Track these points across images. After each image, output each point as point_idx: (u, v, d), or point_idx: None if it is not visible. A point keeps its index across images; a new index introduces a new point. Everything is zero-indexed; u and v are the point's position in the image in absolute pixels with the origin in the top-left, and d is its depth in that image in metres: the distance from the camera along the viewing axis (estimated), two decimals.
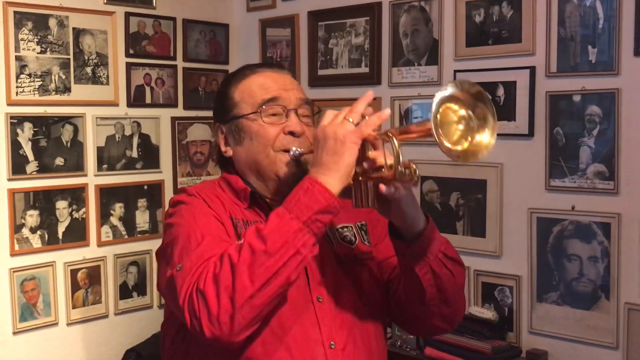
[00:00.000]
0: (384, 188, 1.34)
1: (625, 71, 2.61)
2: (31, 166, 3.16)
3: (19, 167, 3.12)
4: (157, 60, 3.63)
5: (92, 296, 3.38)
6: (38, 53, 3.16)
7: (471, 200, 3.05)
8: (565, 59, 2.75)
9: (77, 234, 3.32)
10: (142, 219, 3.57)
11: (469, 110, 1.30)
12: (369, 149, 1.37)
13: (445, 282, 1.45)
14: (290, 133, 1.52)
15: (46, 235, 3.21)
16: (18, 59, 3.10)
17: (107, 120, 3.42)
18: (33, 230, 3.17)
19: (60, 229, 3.26)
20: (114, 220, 3.46)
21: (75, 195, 3.31)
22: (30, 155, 3.15)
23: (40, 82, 3.18)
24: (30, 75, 3.14)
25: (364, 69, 3.40)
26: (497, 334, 2.90)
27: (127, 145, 3.50)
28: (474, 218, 3.05)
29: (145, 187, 3.58)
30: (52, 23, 3.21)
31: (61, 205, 3.26)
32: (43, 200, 3.20)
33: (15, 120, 3.10)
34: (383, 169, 1.35)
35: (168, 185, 3.66)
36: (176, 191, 3.55)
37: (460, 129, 1.30)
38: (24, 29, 3.12)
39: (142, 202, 3.57)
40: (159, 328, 1.61)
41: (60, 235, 3.26)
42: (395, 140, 1.32)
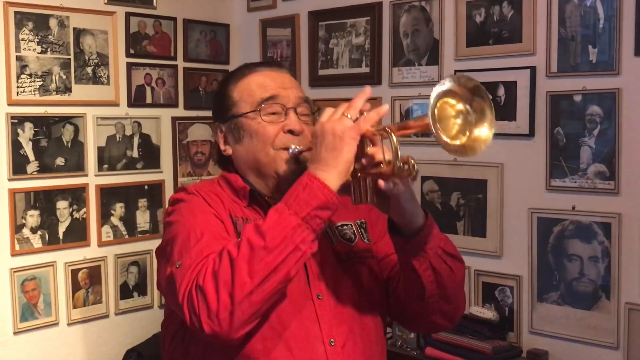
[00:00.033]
0: (382, 184, 1.34)
1: (625, 71, 2.61)
2: (32, 166, 3.16)
3: (20, 167, 3.12)
4: (158, 60, 3.63)
5: (93, 296, 3.38)
6: (39, 53, 3.17)
7: (472, 200, 3.05)
8: (566, 59, 2.75)
9: (78, 234, 3.32)
10: (143, 219, 3.57)
11: (467, 105, 1.30)
12: (368, 145, 1.37)
13: (445, 279, 1.46)
14: (290, 131, 1.52)
15: (47, 235, 3.21)
16: (19, 59, 3.10)
17: (108, 120, 3.42)
18: (34, 230, 3.17)
19: (61, 229, 3.26)
20: (115, 220, 3.46)
21: (76, 195, 3.31)
22: (30, 155, 3.15)
23: (41, 82, 3.18)
24: (30, 75, 3.14)
25: (365, 69, 3.40)
26: (498, 334, 2.90)
27: (128, 145, 3.51)
28: (474, 218, 3.05)
29: (146, 187, 3.58)
30: (53, 23, 3.22)
31: (62, 205, 3.26)
32: (44, 200, 3.20)
33: (16, 120, 3.10)
34: (382, 164, 1.35)
35: (169, 185, 3.66)
36: (176, 191, 3.54)
37: (459, 123, 1.30)
38: (24, 29, 3.12)
39: (143, 202, 3.57)
40: (159, 328, 1.61)
41: (60, 235, 3.26)
42: (393, 135, 1.32)
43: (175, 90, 3.70)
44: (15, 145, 3.10)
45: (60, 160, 3.25)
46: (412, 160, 1.31)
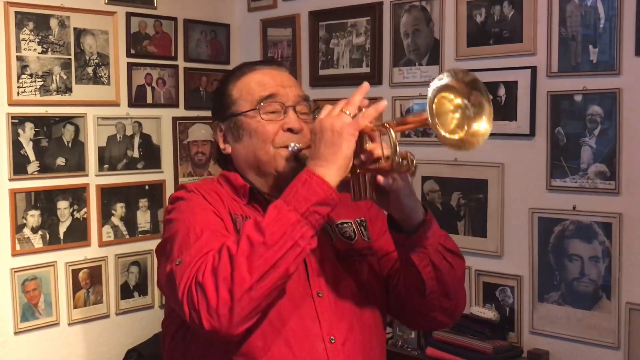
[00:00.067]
0: (381, 179, 1.34)
1: (626, 71, 2.61)
2: (32, 166, 3.16)
3: (20, 167, 3.12)
4: (158, 60, 3.63)
5: (93, 296, 3.38)
6: (39, 53, 3.17)
7: (472, 200, 3.05)
8: (567, 59, 2.75)
9: (78, 234, 3.32)
10: (143, 219, 3.57)
11: (465, 99, 1.30)
12: (366, 141, 1.37)
13: (445, 275, 1.46)
14: (289, 130, 1.52)
15: (47, 235, 3.21)
16: (19, 59, 3.10)
17: (108, 120, 3.42)
18: (34, 230, 3.17)
19: (62, 229, 3.26)
20: (115, 220, 3.46)
21: (77, 195, 3.31)
22: (31, 156, 3.16)
23: (42, 82, 3.18)
24: (31, 75, 3.14)
25: (365, 69, 3.40)
26: (499, 334, 2.90)
27: (128, 145, 3.51)
28: (475, 218, 3.05)
29: (147, 187, 3.59)
30: (53, 23, 3.22)
31: (62, 205, 3.26)
32: (44, 200, 3.20)
33: (17, 121, 3.10)
34: (381, 160, 1.35)
35: (169, 185, 3.66)
36: (176, 189, 3.55)
37: (457, 117, 1.30)
38: (25, 29, 3.12)
39: (143, 202, 3.57)
40: (160, 328, 1.61)
41: (61, 235, 3.26)
42: (392, 131, 1.32)
43: (175, 90, 3.70)
44: (16, 146, 3.10)
45: (60, 160, 3.25)
46: (411, 155, 1.31)
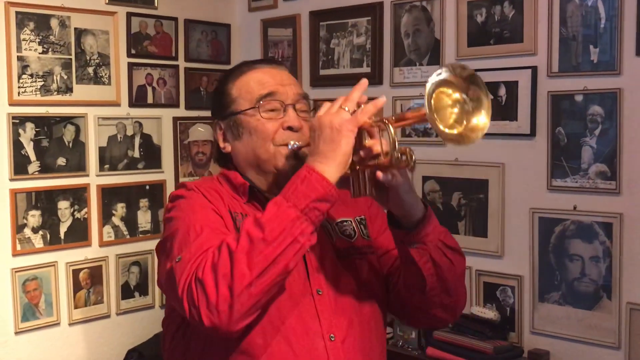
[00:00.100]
0: (381, 175, 1.35)
1: (627, 71, 2.61)
2: (33, 166, 3.16)
3: (21, 168, 3.12)
4: (159, 60, 3.63)
5: (94, 296, 3.38)
6: (40, 53, 3.17)
7: (473, 200, 3.05)
8: (567, 59, 2.75)
9: (79, 234, 3.32)
10: (144, 219, 3.57)
11: (463, 94, 1.30)
12: (366, 137, 1.38)
13: (446, 271, 1.46)
14: (289, 128, 1.53)
15: (48, 236, 3.21)
16: (20, 59, 3.10)
17: (109, 120, 3.42)
18: (35, 230, 3.17)
19: (62, 229, 3.26)
20: (116, 220, 3.46)
21: (77, 196, 3.31)
22: (32, 156, 3.16)
23: (42, 83, 3.18)
24: (32, 75, 3.14)
25: (366, 69, 3.40)
26: (499, 334, 2.90)
27: (129, 145, 3.51)
28: (475, 218, 3.05)
29: (147, 187, 3.59)
30: (54, 23, 3.22)
31: (63, 205, 3.26)
32: (45, 201, 3.20)
33: (17, 121, 3.10)
34: (380, 156, 1.35)
35: (170, 186, 3.66)
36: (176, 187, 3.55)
37: (455, 112, 1.30)
38: (25, 29, 3.12)
39: (144, 202, 3.57)
40: (160, 328, 1.61)
41: (62, 236, 3.26)
42: (391, 127, 1.32)
43: (176, 91, 3.71)
44: (17, 146, 3.10)
45: (61, 161, 3.25)
46: (410, 151, 1.32)
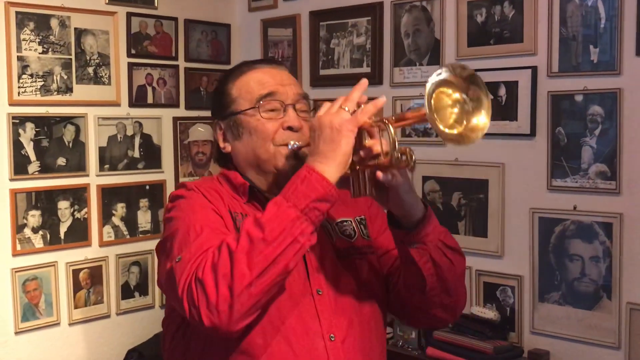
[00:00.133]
0: (381, 175, 1.35)
1: (627, 71, 2.61)
2: (33, 166, 3.16)
3: (21, 168, 3.12)
4: (159, 60, 3.63)
5: (94, 296, 3.38)
6: (40, 53, 3.17)
7: (473, 200, 3.05)
8: (567, 59, 2.75)
9: (79, 234, 3.32)
10: (144, 219, 3.57)
11: (463, 94, 1.30)
12: (366, 137, 1.38)
13: (446, 271, 1.46)
14: (289, 128, 1.53)
15: (48, 236, 3.21)
16: (20, 59, 3.10)
17: (109, 120, 3.42)
18: (35, 230, 3.17)
19: (62, 229, 3.26)
20: (116, 220, 3.46)
21: (77, 196, 3.31)
22: (32, 156, 3.16)
23: (42, 83, 3.18)
24: (32, 75, 3.14)
25: (366, 69, 3.40)
26: (499, 334, 2.90)
27: (129, 145, 3.51)
28: (475, 218, 3.05)
29: (147, 187, 3.59)
30: (54, 23, 3.22)
31: (63, 205, 3.26)
32: (45, 201, 3.20)
33: (17, 121, 3.10)
34: (380, 156, 1.35)
35: (170, 186, 3.66)
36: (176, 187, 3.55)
37: (455, 112, 1.30)
38: (25, 29, 3.12)
39: (144, 202, 3.57)
40: (160, 328, 1.61)
41: (62, 236, 3.26)
42: (391, 127, 1.32)
43: (176, 91, 3.71)
44: (17, 146, 3.10)
45: (61, 161, 3.25)
46: (410, 151, 1.32)
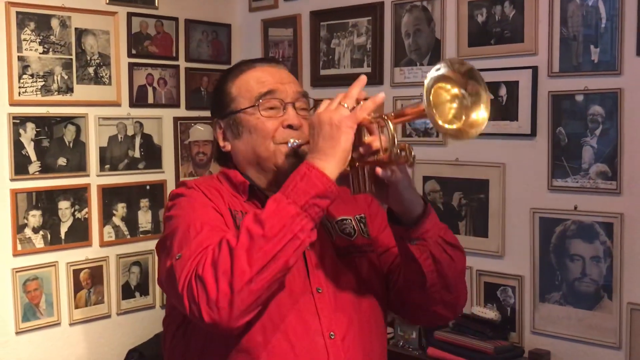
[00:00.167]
0: (380, 171, 1.35)
1: (627, 71, 2.61)
2: (34, 166, 3.16)
3: (22, 168, 3.12)
4: (160, 60, 3.63)
5: (95, 296, 3.38)
6: (40, 53, 3.17)
7: (473, 200, 3.05)
8: (568, 59, 2.75)
9: (80, 234, 3.32)
10: (145, 219, 3.57)
11: (462, 89, 1.30)
12: (365, 134, 1.38)
13: (446, 267, 1.46)
14: (289, 126, 1.53)
15: (49, 236, 3.21)
16: (20, 59, 3.10)
17: (110, 120, 3.42)
18: (35, 230, 3.17)
19: (63, 229, 3.27)
20: (117, 220, 3.46)
21: (78, 196, 3.31)
22: (32, 156, 3.16)
23: (43, 83, 3.18)
24: (32, 75, 3.14)
25: (366, 69, 3.40)
26: (500, 334, 2.90)
27: (130, 145, 3.51)
28: (476, 218, 3.05)
29: (148, 187, 3.59)
30: (55, 23, 3.22)
31: (63, 205, 3.26)
32: (45, 201, 3.20)
33: (18, 121, 3.10)
34: (379, 152, 1.35)
35: (170, 186, 3.66)
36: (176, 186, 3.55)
37: (454, 107, 1.31)
38: (26, 29, 3.12)
39: (145, 202, 3.57)
40: (161, 328, 1.62)
41: (62, 236, 3.26)
42: (390, 123, 1.32)
43: (177, 91, 3.71)
44: (17, 146, 3.11)
45: (62, 161, 3.26)
46: (409, 147, 1.32)
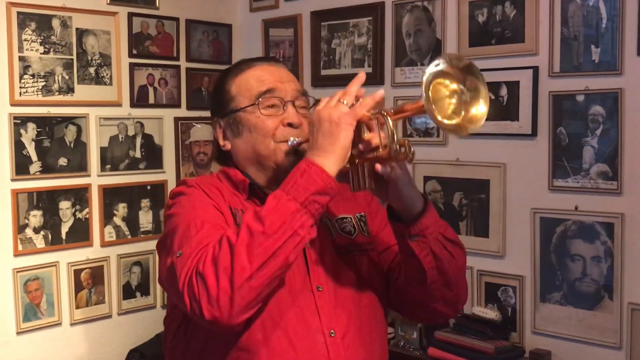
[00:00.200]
0: (379, 167, 1.35)
1: (628, 71, 2.61)
2: (34, 166, 3.17)
3: (23, 168, 3.13)
4: (160, 60, 3.63)
5: (96, 296, 3.38)
6: (41, 53, 3.17)
7: (474, 200, 3.05)
8: (568, 59, 2.75)
9: (81, 234, 3.32)
10: (146, 219, 3.57)
11: (460, 84, 1.31)
12: (364, 130, 1.38)
13: (446, 264, 1.46)
14: (289, 125, 1.53)
15: (49, 236, 3.22)
16: (21, 59, 3.11)
17: (111, 120, 3.43)
18: (36, 230, 3.17)
19: (64, 229, 3.27)
20: (117, 220, 3.46)
21: (79, 196, 3.31)
22: (33, 156, 3.16)
23: (44, 83, 3.18)
24: (33, 75, 3.15)
25: (367, 69, 3.40)
26: (500, 334, 2.90)
27: (131, 145, 3.51)
28: (477, 218, 3.05)
29: (149, 188, 3.59)
30: (56, 23, 3.22)
31: (64, 205, 3.26)
32: (46, 201, 3.21)
33: (19, 121, 3.11)
34: (379, 149, 1.36)
35: (171, 186, 3.65)
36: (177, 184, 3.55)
37: (453, 103, 1.31)
38: (27, 29, 3.12)
39: (146, 203, 3.57)
40: (162, 328, 1.62)
41: (63, 236, 3.26)
42: (389, 119, 1.33)
43: (177, 91, 3.71)
44: (18, 146, 3.11)
45: (63, 161, 3.26)
46: (408, 143, 1.32)
